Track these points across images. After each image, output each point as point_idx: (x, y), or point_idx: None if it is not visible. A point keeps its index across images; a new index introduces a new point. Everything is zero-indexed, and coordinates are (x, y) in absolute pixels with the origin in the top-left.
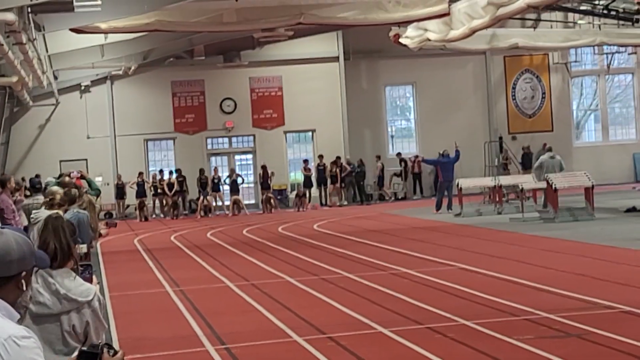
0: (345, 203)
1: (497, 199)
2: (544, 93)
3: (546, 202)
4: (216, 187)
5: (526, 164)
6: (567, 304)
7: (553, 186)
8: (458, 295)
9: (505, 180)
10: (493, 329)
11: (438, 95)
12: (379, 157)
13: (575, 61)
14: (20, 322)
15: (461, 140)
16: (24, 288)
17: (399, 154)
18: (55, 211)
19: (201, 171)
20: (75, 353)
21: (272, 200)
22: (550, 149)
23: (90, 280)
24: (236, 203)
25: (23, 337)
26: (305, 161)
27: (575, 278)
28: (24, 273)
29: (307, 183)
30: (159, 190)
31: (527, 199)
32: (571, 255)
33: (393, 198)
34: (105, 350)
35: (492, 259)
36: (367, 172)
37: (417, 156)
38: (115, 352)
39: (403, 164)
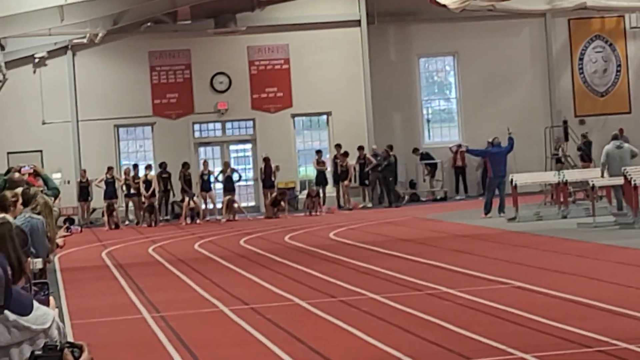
0: (370, 205)
1: (562, 199)
2: (619, 65)
3: (621, 203)
4: (206, 186)
5: (585, 156)
6: None
7: (632, 182)
8: (513, 321)
9: (571, 175)
10: None
11: (486, 69)
12: (416, 150)
13: None
14: None
15: (515, 125)
16: None
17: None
18: (1, 215)
19: (185, 165)
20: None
21: (282, 203)
22: (616, 137)
23: (47, 303)
24: (231, 205)
25: None
26: (319, 152)
27: None
28: None
29: (321, 180)
30: (132, 190)
31: (599, 199)
32: None
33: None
34: (66, 350)
35: (556, 275)
36: (398, 165)
37: (459, 145)
38: (81, 352)
39: (426, 165)
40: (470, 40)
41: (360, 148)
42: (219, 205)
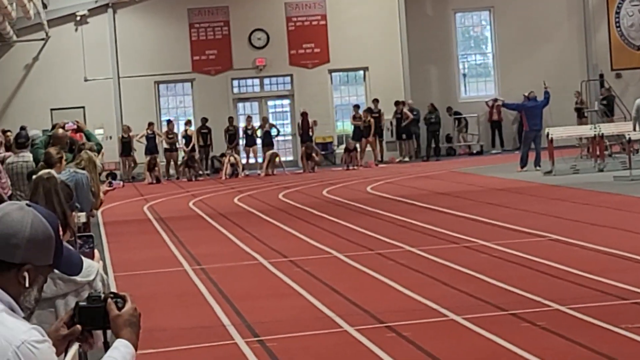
0: (407, 159)
1: (598, 153)
2: None
3: None
4: (250, 141)
5: (607, 112)
6: None
7: None
8: (550, 273)
9: (607, 129)
10: (594, 315)
11: (522, 23)
12: (449, 109)
13: None
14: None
15: (551, 79)
16: (26, 284)
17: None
18: (46, 170)
19: (230, 120)
20: (69, 311)
21: (313, 155)
22: None
23: (91, 256)
24: (271, 160)
25: (38, 341)
26: (356, 107)
27: None
28: (28, 266)
29: (358, 135)
30: (168, 146)
31: (635, 153)
32: None
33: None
34: (110, 300)
35: (593, 228)
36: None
37: (495, 100)
38: (124, 302)
39: (457, 120)
40: None
41: (398, 103)
42: (260, 160)
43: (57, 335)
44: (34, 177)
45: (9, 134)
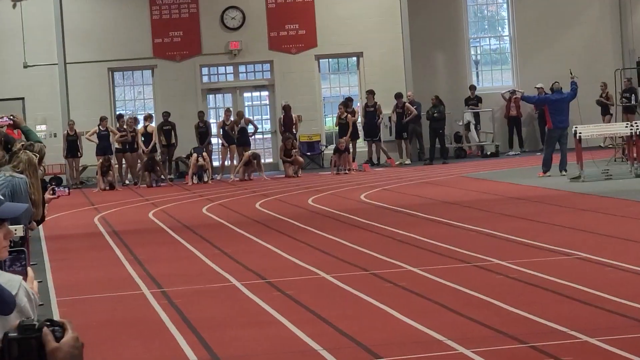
0: (408, 162)
1: (635, 155)
2: None
3: None
4: (229, 139)
5: (629, 106)
6: None
7: None
8: (577, 298)
9: None
10: (629, 349)
11: (545, 2)
12: (468, 101)
13: None
14: None
15: (579, 68)
16: None
17: (468, 100)
18: None
19: (200, 115)
20: None
21: (294, 153)
22: None
23: (24, 276)
24: (251, 162)
25: None
26: (349, 100)
27: None
28: None
29: (351, 133)
30: (120, 146)
31: None
32: None
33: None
34: (46, 330)
35: (628, 245)
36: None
37: (514, 92)
38: (63, 331)
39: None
40: None
41: (398, 96)
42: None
43: None
44: None
45: None
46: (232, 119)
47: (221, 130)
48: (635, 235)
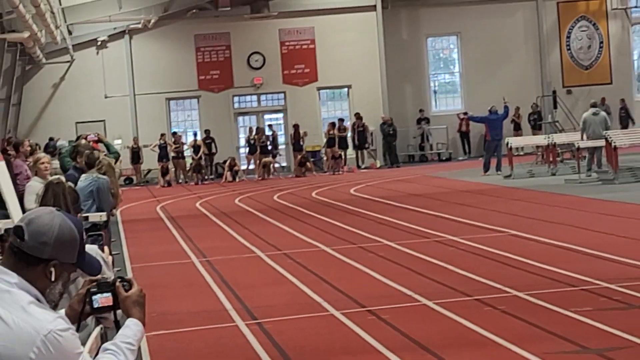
0: (383, 164)
1: (551, 159)
2: (601, 42)
3: (590, 163)
4: (253, 149)
5: (534, 125)
6: (629, 273)
7: (612, 144)
8: (509, 264)
9: (559, 138)
10: (548, 300)
11: (485, 47)
12: (419, 121)
13: (636, 6)
14: None
15: (511, 95)
16: (52, 278)
17: (419, 121)
18: (56, 176)
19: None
20: (80, 292)
21: (308, 164)
22: (594, 105)
23: (101, 251)
24: (267, 166)
25: (62, 329)
26: (340, 120)
27: (638, 244)
28: (55, 262)
29: (343, 144)
30: (175, 154)
31: (583, 159)
32: (634, 219)
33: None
34: (118, 284)
35: (546, 225)
36: (407, 130)
37: (465, 113)
38: (130, 285)
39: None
40: (472, 22)
41: (358, 117)
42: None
43: (74, 312)
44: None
45: (29, 143)
46: (255, 135)
47: (247, 142)
48: (551, 218)
